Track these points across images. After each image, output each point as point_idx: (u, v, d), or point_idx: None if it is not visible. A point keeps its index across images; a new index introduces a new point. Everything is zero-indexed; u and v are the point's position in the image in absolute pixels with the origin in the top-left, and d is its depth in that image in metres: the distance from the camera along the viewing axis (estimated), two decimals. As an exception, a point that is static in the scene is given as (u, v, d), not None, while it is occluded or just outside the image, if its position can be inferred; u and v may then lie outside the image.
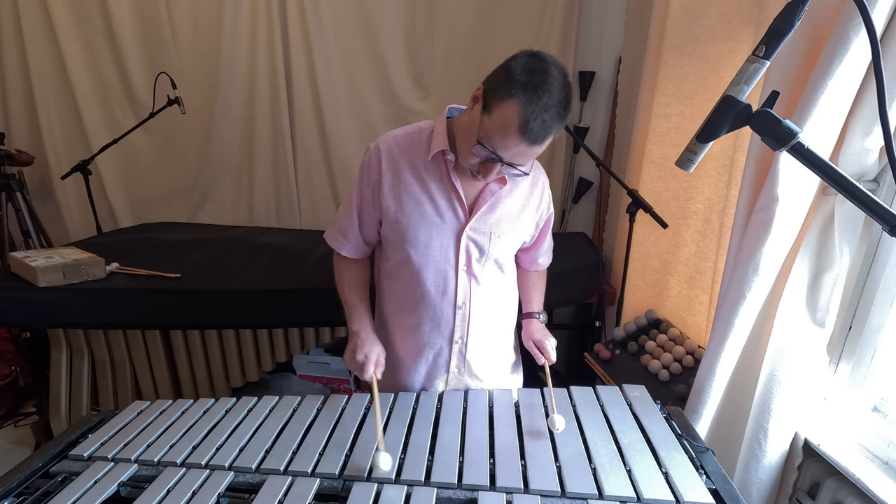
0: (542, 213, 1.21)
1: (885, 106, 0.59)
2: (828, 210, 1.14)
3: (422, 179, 1.09)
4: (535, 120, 0.87)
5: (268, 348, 1.95)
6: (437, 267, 1.11)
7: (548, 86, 0.87)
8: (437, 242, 1.10)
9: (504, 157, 0.94)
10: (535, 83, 0.87)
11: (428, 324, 1.16)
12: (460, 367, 1.21)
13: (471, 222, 1.10)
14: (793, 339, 1.22)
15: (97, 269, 1.83)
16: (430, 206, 1.09)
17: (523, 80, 0.87)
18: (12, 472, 0.93)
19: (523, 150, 0.92)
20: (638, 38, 2.18)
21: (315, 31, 2.49)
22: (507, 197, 1.13)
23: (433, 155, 1.07)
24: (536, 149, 0.93)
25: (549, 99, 0.87)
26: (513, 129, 0.89)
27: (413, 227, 1.09)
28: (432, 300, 1.13)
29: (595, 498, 0.83)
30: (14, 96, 2.64)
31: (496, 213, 1.12)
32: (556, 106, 0.88)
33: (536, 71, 0.88)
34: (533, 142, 0.90)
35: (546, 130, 0.89)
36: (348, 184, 2.74)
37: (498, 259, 1.16)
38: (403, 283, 1.15)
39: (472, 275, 1.14)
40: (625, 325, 1.95)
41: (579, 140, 2.12)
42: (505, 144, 0.92)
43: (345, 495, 0.85)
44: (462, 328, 1.17)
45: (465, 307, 1.15)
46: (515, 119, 0.88)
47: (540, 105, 0.87)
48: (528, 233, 1.20)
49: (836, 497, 1.17)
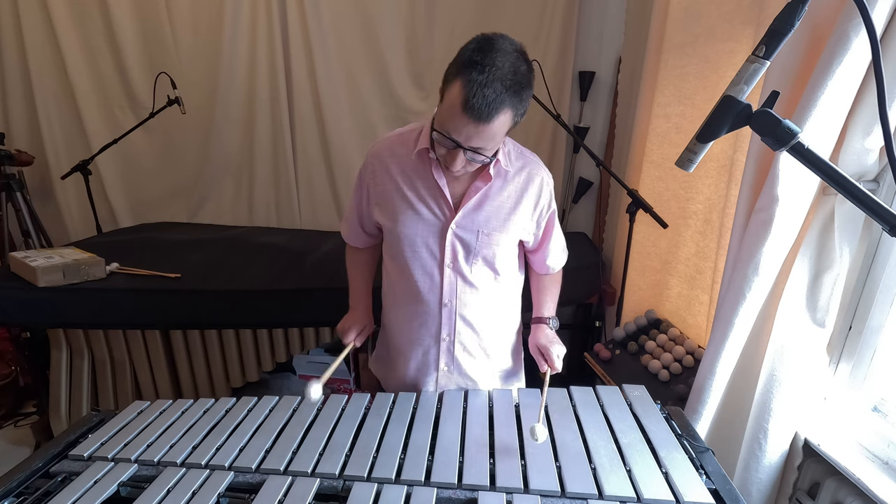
0: (543, 210, 1.18)
1: (885, 106, 0.59)
2: (828, 210, 1.14)
3: (409, 178, 1.11)
4: (474, 96, 0.87)
5: (268, 348, 1.96)
6: (423, 263, 1.13)
7: (489, 62, 0.87)
8: (422, 239, 1.12)
9: (458, 139, 0.94)
10: (475, 60, 0.87)
11: (416, 319, 1.18)
12: (449, 366, 1.21)
13: (456, 219, 1.10)
14: (793, 339, 1.22)
15: (97, 269, 1.83)
16: (417, 202, 1.11)
17: (465, 59, 0.89)
18: (12, 472, 0.93)
19: (473, 130, 0.91)
20: (638, 38, 2.18)
21: (315, 31, 2.49)
22: (497, 195, 1.11)
23: (418, 152, 1.09)
24: (485, 127, 0.90)
25: (489, 74, 0.86)
26: (457, 109, 0.89)
27: (400, 223, 1.12)
28: (421, 296, 1.15)
29: (595, 498, 0.83)
30: (14, 96, 2.63)
31: (484, 210, 1.11)
32: (500, 80, 0.87)
33: (479, 50, 0.89)
34: (478, 118, 0.89)
35: (489, 106, 0.87)
36: (348, 184, 2.74)
37: (488, 258, 1.14)
38: (398, 278, 1.19)
39: (459, 273, 1.14)
40: (625, 325, 1.95)
41: (579, 140, 2.12)
42: (454, 126, 0.92)
43: (345, 495, 0.85)
44: (449, 326, 1.17)
45: (451, 304, 1.15)
46: (459, 98, 0.88)
47: (479, 81, 0.86)
48: (526, 231, 1.17)
49: (836, 497, 1.17)
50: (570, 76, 2.53)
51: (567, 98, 2.56)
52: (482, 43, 0.90)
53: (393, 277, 1.21)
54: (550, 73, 2.45)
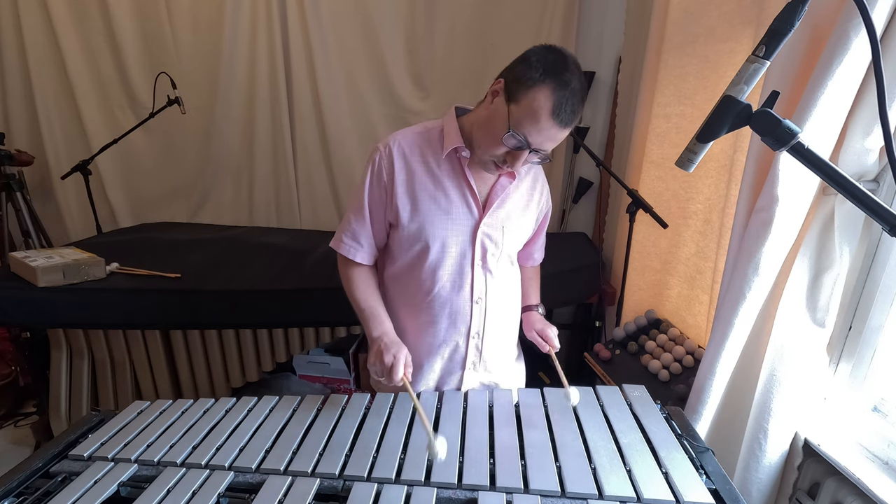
0: (542, 207, 1.26)
1: (885, 106, 0.59)
2: (828, 210, 1.14)
3: (435, 177, 1.10)
4: (566, 103, 0.92)
5: (268, 348, 1.95)
6: (453, 263, 1.13)
7: (571, 72, 0.93)
8: (453, 238, 1.12)
9: (534, 142, 0.97)
10: (560, 69, 0.92)
11: (445, 320, 1.17)
12: (476, 363, 1.22)
13: (485, 217, 1.12)
14: (793, 339, 1.22)
15: (97, 269, 1.83)
16: (446, 202, 1.10)
17: (549, 68, 0.93)
18: (12, 472, 0.93)
19: (553, 134, 0.96)
20: (638, 38, 2.18)
21: (315, 31, 2.49)
22: (514, 192, 1.17)
23: (448, 154, 1.10)
24: (565, 132, 0.97)
25: (575, 84, 0.93)
26: (545, 114, 0.93)
27: (430, 223, 1.10)
28: (448, 296, 1.15)
29: (595, 498, 0.83)
30: (14, 96, 2.64)
31: (506, 207, 1.15)
32: (581, 91, 0.95)
33: (558, 60, 0.94)
34: (563, 124, 0.95)
35: (574, 114, 0.95)
36: (348, 184, 2.74)
37: (510, 253, 1.20)
38: (417, 282, 1.14)
39: (488, 269, 1.16)
40: (625, 325, 1.95)
41: (579, 140, 2.12)
42: (537, 129, 0.95)
43: (345, 495, 0.85)
44: (479, 323, 1.18)
45: (482, 301, 1.17)
46: (548, 103, 0.92)
47: (569, 89, 0.92)
48: (532, 227, 1.25)
49: (836, 497, 1.17)
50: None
51: (567, 98, 2.56)
52: (553, 54, 0.95)
53: (408, 286, 1.16)
54: (550, 73, 2.44)
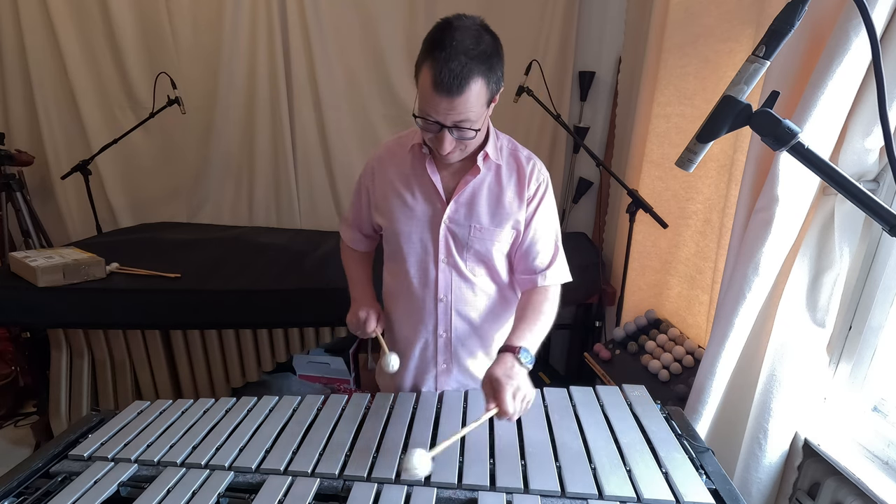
0: (528, 200, 1.11)
1: (885, 106, 0.59)
2: (828, 210, 1.14)
3: (405, 177, 1.14)
4: (441, 72, 0.90)
5: (268, 348, 1.96)
6: (418, 258, 1.15)
7: (449, 38, 0.90)
8: (417, 234, 1.14)
9: (436, 118, 0.95)
10: (436, 39, 0.91)
11: (414, 315, 1.19)
12: (448, 363, 1.21)
13: (449, 213, 1.11)
14: (793, 339, 1.22)
15: (97, 269, 1.83)
16: (412, 199, 1.13)
17: (427, 45, 0.93)
18: (12, 472, 0.93)
19: (448, 106, 0.93)
20: (638, 38, 2.18)
21: (315, 31, 2.49)
22: (489, 189, 1.11)
23: (412, 148, 1.12)
24: (459, 100, 0.92)
25: (451, 49, 0.89)
26: (430, 90, 0.92)
27: (396, 219, 1.14)
28: (416, 292, 1.17)
29: (595, 498, 0.83)
30: (14, 96, 2.63)
31: (477, 204, 1.11)
32: (464, 52, 0.90)
33: (439, 30, 0.93)
34: (448, 92, 0.91)
35: (458, 78, 0.90)
36: (348, 184, 2.74)
37: (481, 253, 1.12)
38: (394, 276, 1.22)
39: (454, 267, 1.14)
40: (625, 325, 1.95)
41: (579, 140, 2.12)
42: (431, 106, 0.94)
43: (345, 495, 0.85)
44: (445, 321, 1.18)
45: (447, 299, 1.16)
46: (429, 79, 0.92)
47: (442, 57, 0.89)
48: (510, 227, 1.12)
49: (836, 497, 1.17)
50: (570, 76, 2.53)
51: (567, 98, 2.56)
52: (441, 25, 0.94)
53: (392, 278, 1.23)
54: (550, 73, 2.44)
